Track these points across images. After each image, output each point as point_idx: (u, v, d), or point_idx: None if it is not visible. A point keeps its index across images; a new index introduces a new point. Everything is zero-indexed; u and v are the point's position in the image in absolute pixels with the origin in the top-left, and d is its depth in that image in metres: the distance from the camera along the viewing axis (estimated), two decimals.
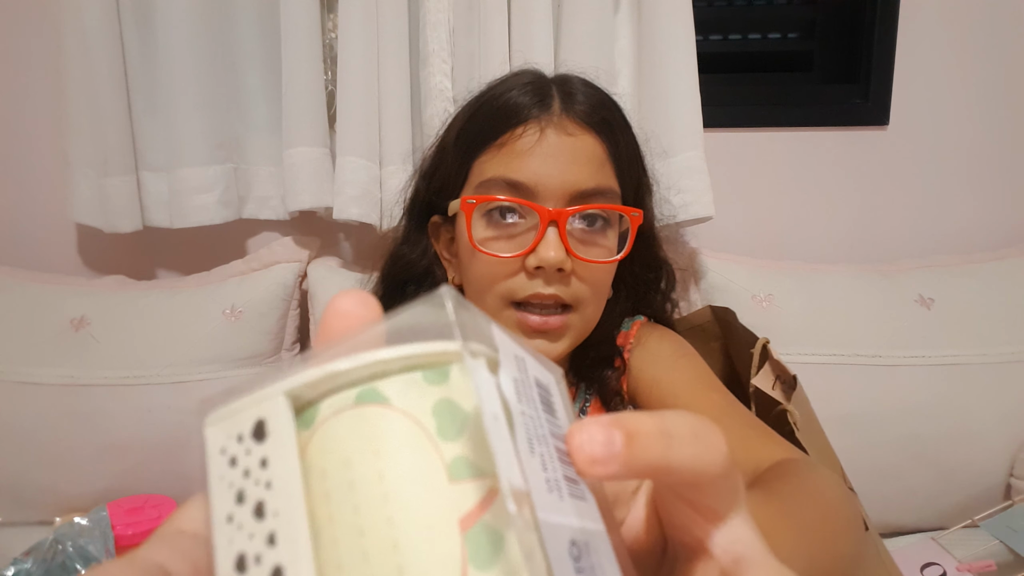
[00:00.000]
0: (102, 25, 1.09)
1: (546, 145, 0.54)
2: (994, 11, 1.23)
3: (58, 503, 1.03)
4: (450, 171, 0.59)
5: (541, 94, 0.56)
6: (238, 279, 1.13)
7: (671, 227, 1.13)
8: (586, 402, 0.65)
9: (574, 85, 0.59)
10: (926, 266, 1.17)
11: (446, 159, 0.61)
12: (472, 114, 0.59)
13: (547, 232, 0.53)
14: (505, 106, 0.56)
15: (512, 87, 0.58)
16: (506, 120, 0.55)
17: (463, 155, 0.58)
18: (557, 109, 0.56)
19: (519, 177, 0.54)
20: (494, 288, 0.56)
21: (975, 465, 1.05)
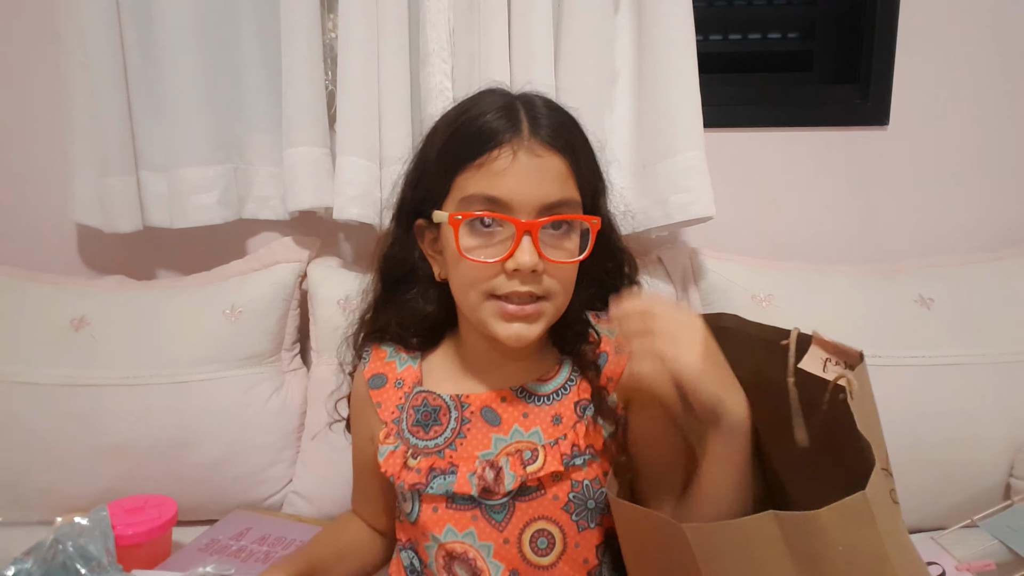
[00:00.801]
0: (102, 25, 1.09)
1: (518, 166, 0.64)
2: (994, 11, 1.23)
3: (58, 503, 1.03)
4: (433, 183, 0.69)
5: (512, 119, 0.65)
6: (238, 279, 1.13)
7: (671, 227, 1.13)
8: (570, 380, 0.73)
9: (538, 108, 0.68)
10: (926, 266, 1.17)
11: (428, 172, 0.70)
12: (452, 134, 0.68)
13: (522, 240, 0.63)
14: (481, 130, 0.65)
15: (486, 110, 0.66)
16: (483, 143, 0.64)
17: (445, 171, 0.67)
18: (526, 133, 0.65)
19: (497, 194, 0.64)
20: (478, 286, 0.66)
21: (975, 465, 1.05)
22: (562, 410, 0.71)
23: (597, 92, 1.11)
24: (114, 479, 1.04)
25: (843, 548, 0.50)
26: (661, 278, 1.17)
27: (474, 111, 0.67)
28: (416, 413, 0.72)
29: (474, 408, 0.71)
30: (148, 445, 1.04)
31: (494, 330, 0.67)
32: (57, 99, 1.14)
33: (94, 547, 0.81)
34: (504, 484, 0.67)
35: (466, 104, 0.70)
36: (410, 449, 0.70)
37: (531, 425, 0.70)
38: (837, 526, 0.50)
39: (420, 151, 0.73)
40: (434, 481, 0.68)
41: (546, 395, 0.72)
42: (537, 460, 0.68)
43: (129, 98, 1.14)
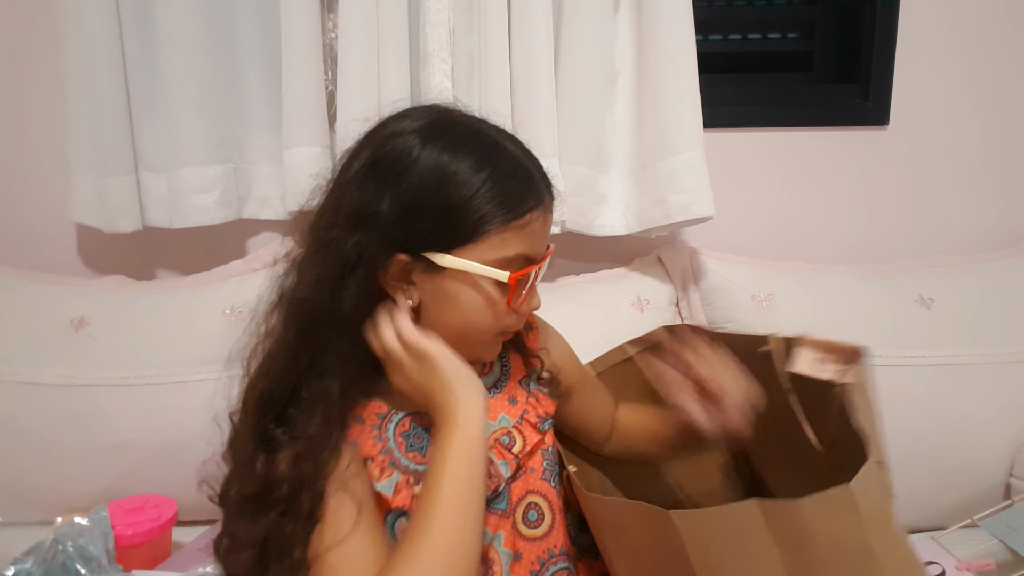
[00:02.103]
0: (102, 25, 1.09)
1: (545, 228, 0.69)
2: (994, 12, 1.23)
3: (58, 503, 1.03)
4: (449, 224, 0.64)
5: (541, 179, 0.68)
6: (238, 279, 1.13)
7: (671, 227, 1.13)
8: (504, 365, 0.77)
9: (536, 161, 0.70)
10: (926, 266, 1.17)
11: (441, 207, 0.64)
12: (498, 182, 0.65)
13: (535, 282, 0.68)
14: (524, 192, 0.66)
15: (517, 169, 0.67)
16: (525, 205, 0.65)
17: (476, 221, 0.64)
18: (547, 196, 0.69)
19: (532, 254, 0.67)
20: (491, 325, 0.68)
21: (975, 465, 1.05)
22: (512, 392, 0.75)
23: (597, 92, 1.11)
24: (114, 479, 1.04)
25: (825, 538, 0.51)
26: (661, 278, 1.17)
27: (506, 164, 0.66)
28: (407, 439, 0.69)
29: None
30: (148, 445, 1.04)
31: (483, 355, 0.71)
32: (57, 99, 1.14)
33: (94, 547, 0.81)
34: (502, 474, 0.69)
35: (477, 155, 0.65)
36: (410, 476, 0.67)
37: (496, 414, 0.73)
38: (819, 516, 0.51)
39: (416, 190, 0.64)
40: None
41: (493, 385, 0.75)
42: (516, 441, 0.71)
43: (129, 98, 1.14)
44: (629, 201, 1.15)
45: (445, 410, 0.63)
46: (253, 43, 1.15)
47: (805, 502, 0.50)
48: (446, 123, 0.67)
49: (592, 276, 1.19)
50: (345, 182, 0.67)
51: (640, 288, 1.15)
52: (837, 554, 0.51)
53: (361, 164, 0.66)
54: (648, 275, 1.18)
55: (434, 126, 0.66)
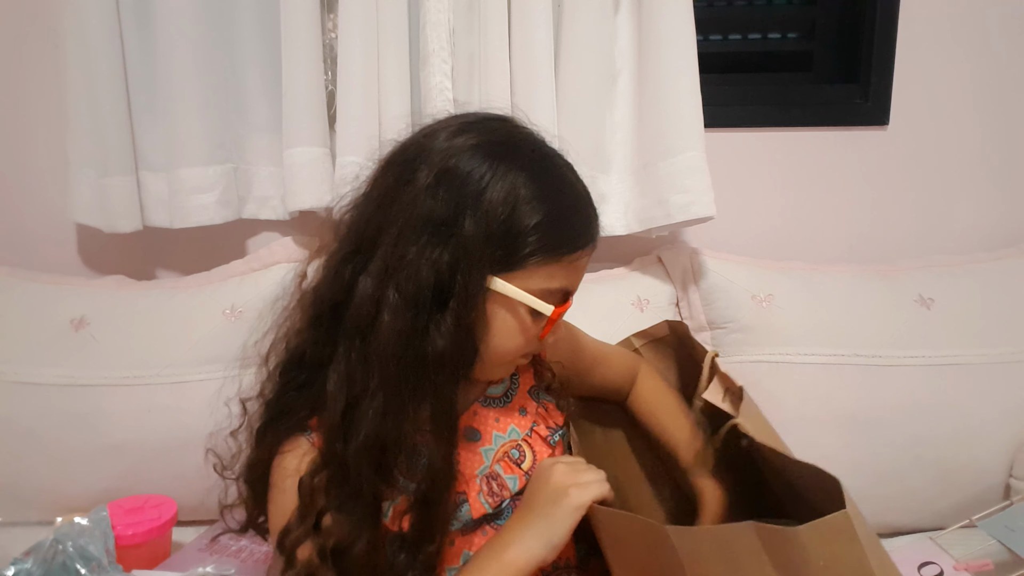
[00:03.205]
0: (102, 25, 1.09)
1: (585, 262, 0.67)
2: (994, 11, 1.23)
3: (58, 503, 1.03)
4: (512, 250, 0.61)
5: (589, 223, 0.66)
6: (238, 279, 1.13)
7: (671, 227, 1.13)
8: (514, 374, 0.75)
9: (588, 193, 0.68)
10: (926, 266, 1.17)
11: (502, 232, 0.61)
12: (559, 216, 0.63)
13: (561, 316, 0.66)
14: (583, 232, 0.65)
15: (580, 202, 0.66)
16: (579, 244, 0.64)
17: (532, 250, 0.62)
18: (597, 232, 0.67)
19: (571, 288, 0.66)
20: (517, 351, 0.67)
21: (974, 465, 1.05)
22: (522, 402, 0.74)
23: (597, 92, 1.11)
24: (114, 479, 1.04)
25: (824, 563, 0.50)
26: (661, 278, 1.17)
27: (570, 199, 0.65)
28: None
29: (459, 432, 0.69)
30: (148, 445, 1.04)
31: (497, 376, 0.71)
32: (57, 99, 1.14)
33: (94, 547, 0.81)
34: (509, 488, 0.68)
35: (541, 181, 0.62)
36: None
37: (505, 426, 0.71)
38: (818, 543, 0.50)
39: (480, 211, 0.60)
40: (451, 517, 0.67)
41: (503, 395, 0.73)
42: (526, 456, 0.70)
43: (129, 98, 1.14)
44: (629, 201, 1.15)
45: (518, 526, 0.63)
46: (253, 43, 1.15)
47: (802, 530, 0.49)
48: (514, 142, 0.65)
49: (592, 276, 1.19)
50: (413, 191, 0.60)
51: (640, 288, 1.15)
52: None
53: (430, 173, 0.60)
54: (648, 275, 1.18)
55: (503, 144, 0.63)
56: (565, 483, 0.62)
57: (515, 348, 0.66)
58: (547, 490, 0.62)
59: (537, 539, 0.60)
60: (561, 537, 0.60)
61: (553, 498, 0.61)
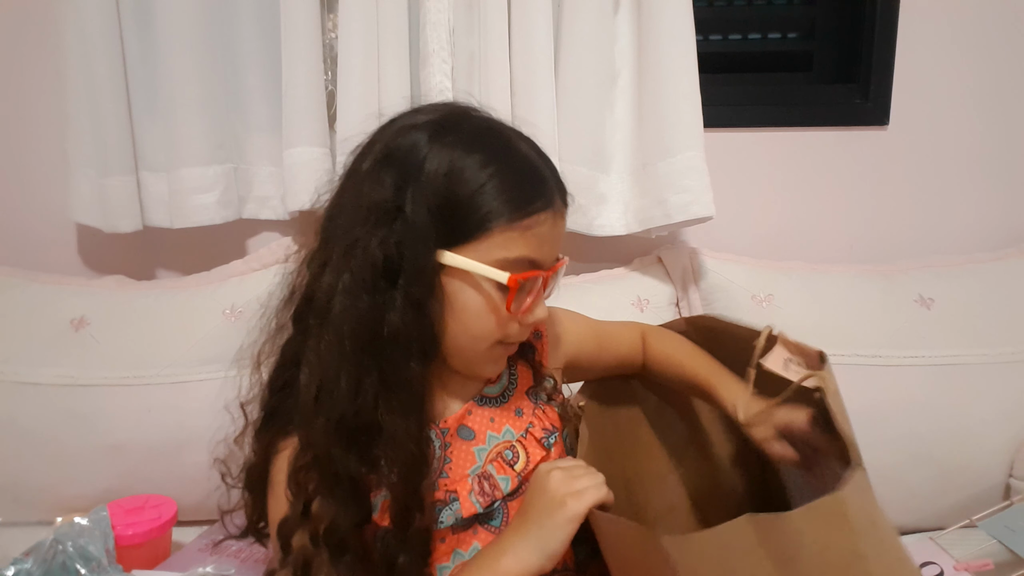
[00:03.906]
0: (102, 25, 1.09)
1: (554, 233, 0.65)
2: (994, 11, 1.23)
3: (58, 503, 1.03)
4: (451, 223, 0.62)
5: (552, 181, 0.66)
6: (238, 279, 1.13)
7: (671, 227, 1.13)
8: (512, 374, 0.75)
9: (550, 164, 0.69)
10: (926, 266, 1.17)
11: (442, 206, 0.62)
12: (508, 179, 0.63)
13: (540, 292, 0.65)
14: (534, 189, 0.64)
15: (517, 166, 0.64)
16: (533, 203, 0.63)
17: (481, 217, 0.62)
18: (558, 199, 0.66)
19: (537, 258, 0.64)
20: (492, 335, 0.65)
21: (974, 465, 1.05)
22: (519, 402, 0.73)
23: (597, 92, 1.11)
24: (114, 479, 1.04)
25: (818, 548, 0.51)
26: (661, 278, 1.17)
27: (516, 162, 0.64)
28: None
29: (452, 430, 0.70)
30: (148, 445, 1.04)
31: (483, 370, 0.70)
32: (57, 99, 1.14)
33: (94, 547, 0.81)
34: (501, 489, 0.68)
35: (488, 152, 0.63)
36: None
37: (500, 426, 0.71)
38: (811, 527, 0.51)
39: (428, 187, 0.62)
40: (442, 514, 0.66)
41: (500, 395, 0.73)
42: (519, 457, 0.70)
43: (129, 98, 1.14)
44: (629, 201, 1.15)
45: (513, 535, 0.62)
46: (253, 43, 1.15)
47: (796, 514, 0.50)
48: (457, 119, 0.66)
49: (592, 276, 1.19)
50: (359, 178, 0.64)
51: (640, 288, 1.15)
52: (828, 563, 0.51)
53: (374, 159, 0.63)
54: (648, 275, 1.18)
55: (445, 121, 0.65)
56: (561, 492, 0.61)
57: (487, 329, 0.64)
58: (543, 499, 0.61)
59: (532, 549, 0.60)
60: (557, 548, 0.60)
61: (549, 508, 0.61)
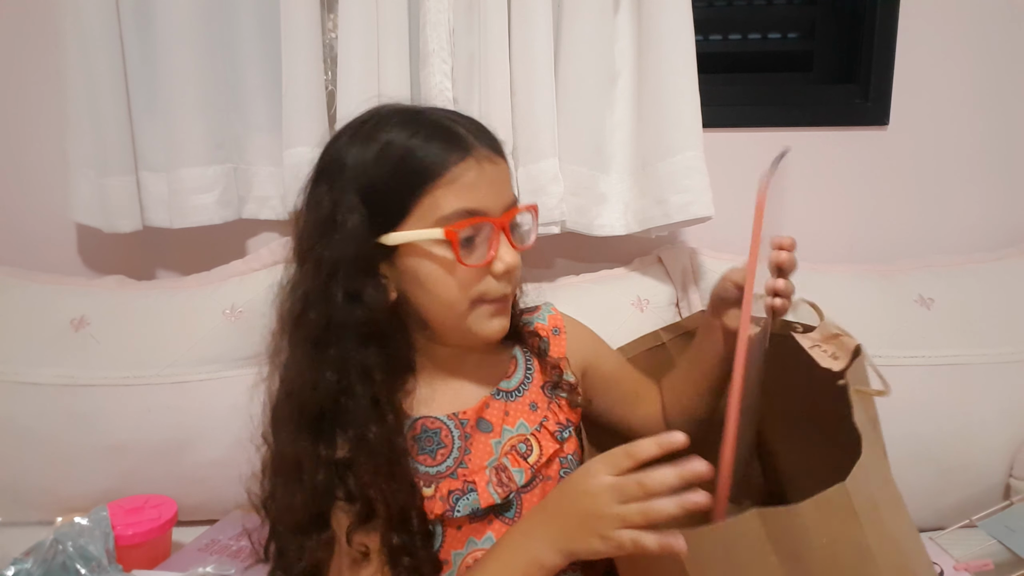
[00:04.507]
0: (102, 25, 1.09)
1: (485, 176, 0.66)
2: (994, 11, 1.23)
3: (58, 503, 1.03)
4: (383, 207, 0.66)
5: (459, 137, 0.67)
6: (238, 279, 1.13)
7: (671, 227, 1.13)
8: (528, 368, 0.77)
9: (468, 119, 0.70)
10: (926, 266, 1.17)
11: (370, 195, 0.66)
12: (404, 156, 0.66)
13: (501, 239, 0.66)
14: (439, 151, 0.65)
15: (424, 130, 0.66)
16: (446, 158, 0.65)
17: (402, 192, 0.65)
18: (476, 143, 0.67)
19: (474, 206, 0.65)
20: (465, 295, 0.67)
21: (974, 465, 1.05)
22: (533, 396, 0.75)
23: (597, 92, 1.11)
24: (114, 479, 1.04)
25: (826, 540, 0.51)
26: (661, 278, 1.17)
27: (406, 136, 0.66)
28: (418, 442, 0.70)
29: (471, 422, 0.72)
30: (148, 445, 1.04)
31: (480, 331, 0.69)
32: (57, 99, 1.14)
33: (94, 547, 0.81)
34: (515, 481, 0.69)
35: (388, 126, 0.67)
36: (421, 479, 0.68)
37: (515, 420, 0.73)
38: (818, 519, 0.51)
39: (342, 175, 0.67)
40: (459, 504, 0.68)
41: (515, 389, 0.75)
42: (533, 450, 0.71)
43: (129, 98, 1.14)
44: (629, 201, 1.15)
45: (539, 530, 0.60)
46: (253, 43, 1.15)
47: (804, 506, 0.50)
48: (368, 116, 0.69)
49: (592, 276, 1.19)
50: (306, 204, 0.69)
51: (640, 288, 1.15)
52: (835, 556, 0.51)
53: (310, 181, 0.70)
54: (648, 275, 1.18)
55: (356, 122, 0.69)
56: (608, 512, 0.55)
57: (453, 290, 0.66)
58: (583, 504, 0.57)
59: (552, 549, 0.58)
60: (580, 555, 0.58)
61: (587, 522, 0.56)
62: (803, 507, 0.50)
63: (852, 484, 0.51)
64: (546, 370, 0.77)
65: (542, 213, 1.11)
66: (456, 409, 0.71)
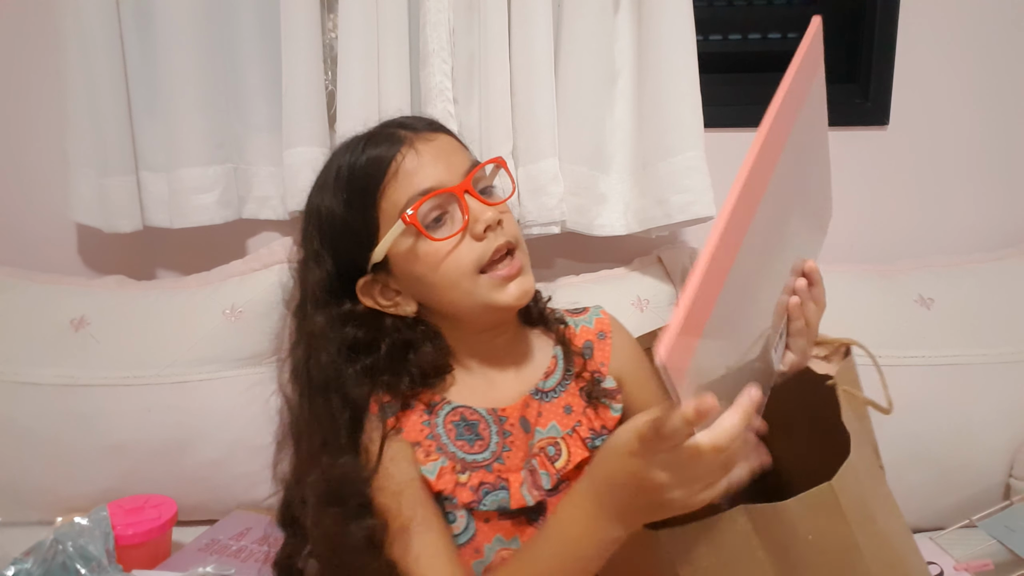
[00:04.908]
0: (102, 25, 1.09)
1: (424, 156, 0.67)
2: (994, 11, 1.23)
3: (58, 503, 1.03)
4: (356, 232, 0.68)
5: (390, 136, 0.69)
6: (238, 279, 1.13)
7: (671, 227, 1.13)
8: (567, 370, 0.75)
9: (401, 119, 0.73)
10: (926, 266, 1.17)
11: (343, 229, 0.69)
12: (349, 178, 0.68)
13: (468, 202, 0.66)
14: (374, 157, 0.67)
15: (359, 147, 0.69)
16: (384, 159, 0.67)
17: (364, 208, 0.67)
18: (410, 133, 0.69)
19: (426, 185, 0.66)
20: (462, 267, 0.66)
21: (974, 465, 1.05)
22: (569, 399, 0.73)
23: (597, 92, 1.11)
24: (114, 479, 1.04)
25: (812, 538, 0.51)
26: (661, 278, 1.17)
27: (349, 156, 0.69)
28: (457, 428, 0.70)
29: (512, 420, 0.71)
30: (148, 445, 1.04)
31: (498, 301, 0.67)
32: (57, 99, 1.14)
33: (94, 547, 0.81)
34: (543, 484, 0.69)
35: (334, 160, 0.71)
36: (457, 464, 0.68)
37: (547, 421, 0.72)
38: (805, 516, 0.51)
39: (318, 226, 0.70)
40: (487, 498, 0.67)
41: (552, 389, 0.74)
42: (561, 455, 0.70)
43: (129, 98, 1.14)
44: (629, 201, 1.15)
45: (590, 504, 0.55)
46: (253, 43, 1.15)
47: (790, 503, 0.51)
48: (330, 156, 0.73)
49: (592, 276, 1.19)
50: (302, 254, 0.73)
51: (640, 288, 1.15)
52: (823, 553, 0.52)
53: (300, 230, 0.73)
54: (648, 275, 1.18)
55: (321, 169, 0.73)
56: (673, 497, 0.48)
57: (452, 270, 0.66)
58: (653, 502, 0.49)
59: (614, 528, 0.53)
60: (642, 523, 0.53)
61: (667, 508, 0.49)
62: (789, 504, 0.51)
63: (839, 483, 0.51)
64: (585, 374, 0.75)
65: (542, 213, 1.11)
66: (496, 404, 0.71)
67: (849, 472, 0.52)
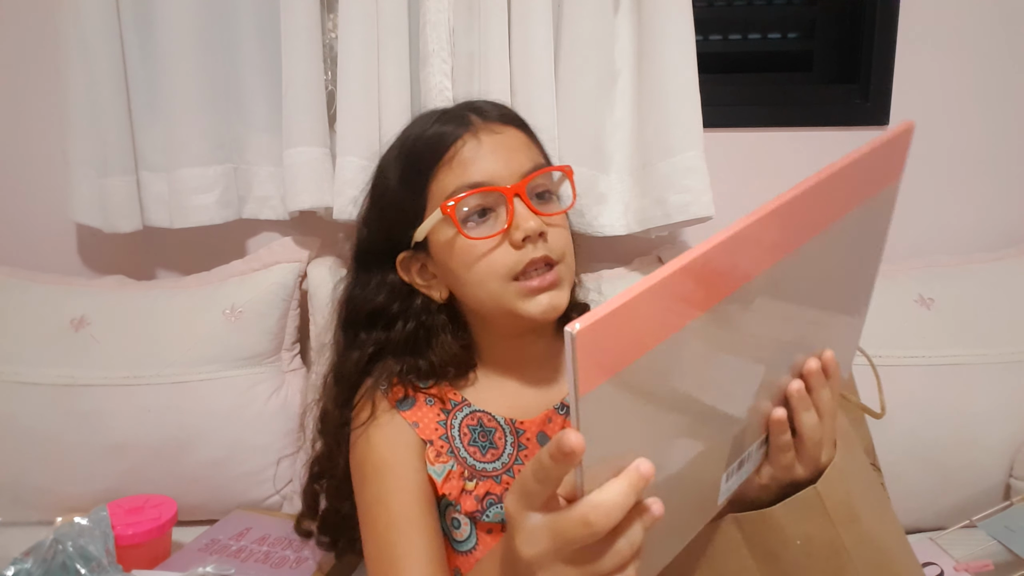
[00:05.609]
0: (102, 25, 1.09)
1: (485, 147, 0.65)
2: (994, 11, 1.23)
3: (58, 503, 1.03)
4: (404, 207, 0.68)
5: (459, 114, 0.68)
6: (238, 279, 1.13)
7: (671, 227, 1.13)
8: None
9: (478, 102, 0.71)
10: (926, 266, 1.17)
11: (394, 200, 0.70)
12: (408, 153, 0.69)
13: (516, 206, 0.63)
14: (437, 133, 0.67)
15: (430, 121, 0.69)
16: (444, 142, 0.66)
17: (414, 188, 0.67)
18: (478, 120, 0.67)
19: (477, 179, 0.64)
20: (494, 270, 0.64)
21: (975, 465, 1.05)
22: None
23: (597, 92, 1.11)
24: (114, 479, 1.04)
25: (800, 542, 0.51)
26: None
27: (418, 128, 0.69)
28: (472, 432, 0.69)
29: (530, 434, 0.70)
30: (148, 445, 1.04)
31: (525, 311, 0.65)
32: (57, 99, 1.14)
33: (94, 547, 0.81)
34: None
35: (408, 129, 0.72)
36: (466, 470, 0.67)
37: None
38: (792, 521, 0.51)
39: (375, 188, 0.72)
40: (490, 509, 0.67)
41: None
42: None
43: (129, 98, 1.14)
44: (629, 201, 1.15)
45: None
46: (253, 43, 1.15)
47: (777, 509, 0.51)
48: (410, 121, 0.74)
49: (592, 276, 1.18)
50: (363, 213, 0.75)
51: None
52: (810, 557, 0.52)
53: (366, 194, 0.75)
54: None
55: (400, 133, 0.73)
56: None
57: (478, 269, 0.65)
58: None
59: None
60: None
61: None
62: (776, 510, 0.51)
63: (824, 487, 0.51)
64: None
65: None
66: (516, 416, 0.70)
67: (835, 475, 0.52)
